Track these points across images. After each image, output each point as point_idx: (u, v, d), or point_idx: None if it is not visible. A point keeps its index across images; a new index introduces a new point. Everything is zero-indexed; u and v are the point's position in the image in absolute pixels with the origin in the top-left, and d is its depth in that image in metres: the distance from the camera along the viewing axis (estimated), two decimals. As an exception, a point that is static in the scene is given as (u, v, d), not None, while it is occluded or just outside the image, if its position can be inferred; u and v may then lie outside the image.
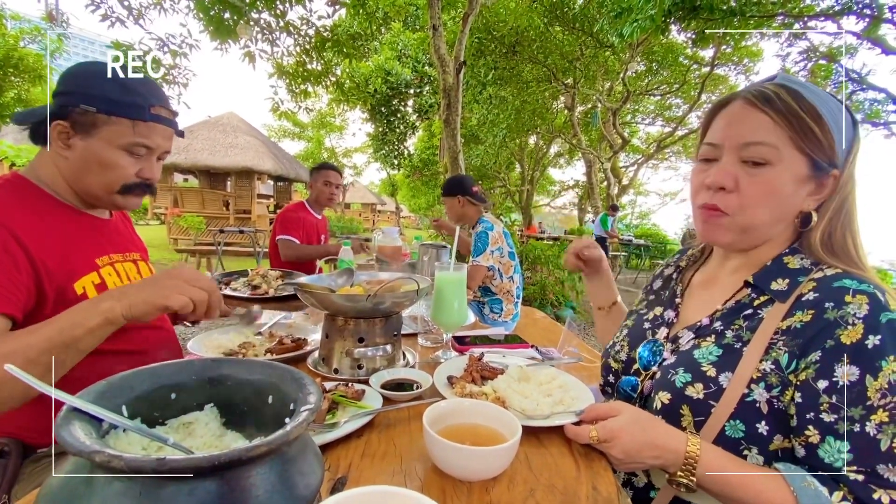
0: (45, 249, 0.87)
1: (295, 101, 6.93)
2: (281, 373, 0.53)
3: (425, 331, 1.38)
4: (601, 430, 0.70)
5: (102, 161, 0.95)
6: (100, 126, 0.93)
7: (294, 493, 0.42)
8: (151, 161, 1.02)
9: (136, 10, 5.09)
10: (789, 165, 0.68)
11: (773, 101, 0.68)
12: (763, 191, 0.69)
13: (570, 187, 25.99)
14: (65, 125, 0.92)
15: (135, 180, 1.00)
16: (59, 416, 0.40)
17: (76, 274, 0.93)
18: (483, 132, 11.44)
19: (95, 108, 0.91)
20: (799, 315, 0.66)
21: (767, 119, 0.68)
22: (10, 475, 0.85)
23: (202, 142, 12.94)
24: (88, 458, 0.35)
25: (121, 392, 0.48)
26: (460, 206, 2.70)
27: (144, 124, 0.96)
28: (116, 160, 0.96)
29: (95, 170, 0.96)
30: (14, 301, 0.81)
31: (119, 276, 1.04)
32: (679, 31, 6.19)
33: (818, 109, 0.67)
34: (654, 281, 1.02)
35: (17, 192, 0.93)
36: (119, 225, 1.16)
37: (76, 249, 0.96)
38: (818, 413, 0.61)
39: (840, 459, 0.59)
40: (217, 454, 0.36)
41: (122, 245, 1.11)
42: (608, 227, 10.25)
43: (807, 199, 0.72)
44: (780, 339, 0.66)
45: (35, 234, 0.87)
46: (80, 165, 0.95)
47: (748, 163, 0.70)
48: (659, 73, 12.85)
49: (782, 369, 0.65)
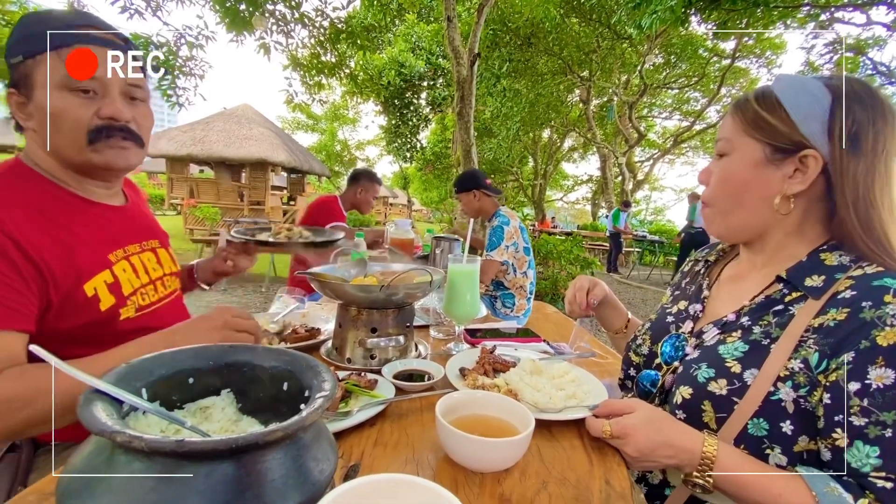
0: (49, 252, 0.79)
1: (309, 93, 6.97)
2: (296, 360, 0.54)
3: (437, 323, 1.38)
4: (615, 426, 0.70)
5: (50, 112, 0.81)
6: (32, 74, 0.81)
7: (309, 478, 0.42)
8: (112, 96, 0.85)
9: (153, 2, 5.14)
10: (742, 153, 0.75)
11: (737, 103, 0.78)
12: (719, 178, 0.78)
13: (584, 182, 25.73)
14: (13, 91, 0.83)
15: (98, 122, 0.84)
16: (82, 397, 0.41)
17: (85, 275, 0.84)
18: (496, 125, 11.37)
19: (21, 55, 0.81)
20: (833, 313, 0.64)
21: (730, 118, 0.78)
22: (23, 467, 0.85)
23: (217, 133, 13.06)
24: (110, 438, 0.36)
25: (141, 375, 0.49)
26: (476, 200, 2.69)
27: (73, 51, 0.81)
28: (60, 104, 0.81)
29: (52, 128, 0.82)
30: (28, 315, 0.77)
31: (135, 270, 0.95)
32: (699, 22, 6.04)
33: (775, 97, 0.72)
34: (681, 276, 1.00)
35: (19, 184, 0.84)
36: (135, 210, 1.06)
37: (85, 247, 0.85)
38: (847, 416, 0.59)
39: (868, 465, 0.57)
40: (234, 437, 0.37)
41: (138, 233, 1.02)
42: (619, 223, 10.13)
43: (787, 182, 0.72)
44: (810, 338, 0.65)
45: (38, 235, 0.78)
46: (44, 132, 0.83)
47: (718, 157, 0.80)
48: (677, 65, 12.61)
49: (811, 369, 0.63)
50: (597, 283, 1.09)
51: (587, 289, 1.08)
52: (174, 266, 1.11)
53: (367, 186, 3.11)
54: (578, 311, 1.08)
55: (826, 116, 0.68)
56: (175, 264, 1.12)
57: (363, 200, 3.13)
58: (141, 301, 0.94)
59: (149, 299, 0.97)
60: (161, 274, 1.04)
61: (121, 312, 0.89)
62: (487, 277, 2.53)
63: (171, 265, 1.10)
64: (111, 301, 0.87)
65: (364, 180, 3.13)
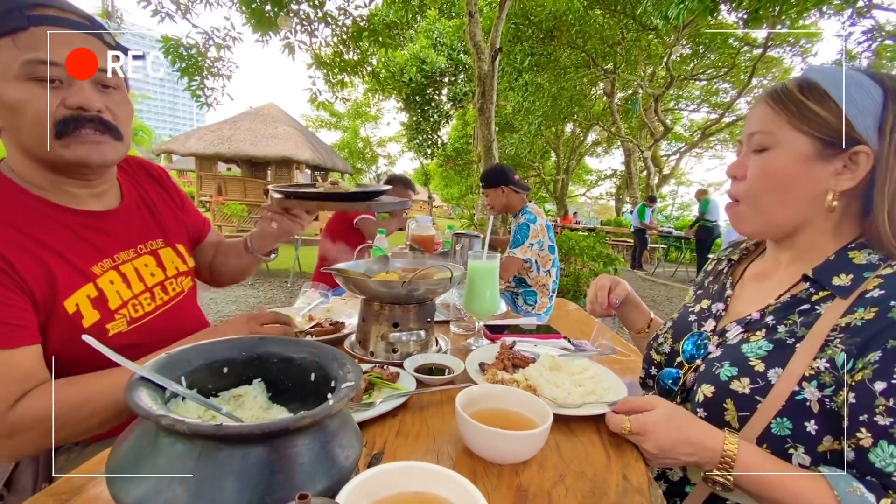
0: (24, 268, 0.73)
1: (332, 92, 7.06)
2: (323, 352, 0.57)
3: (457, 318, 1.40)
4: (635, 422, 0.69)
5: (11, 105, 0.72)
6: None
7: (335, 463, 0.45)
8: (78, 84, 0.75)
9: (183, 5, 5.30)
10: (789, 147, 0.71)
11: (774, 93, 0.73)
12: (761, 173, 0.74)
13: (608, 177, 25.26)
14: None
15: (65, 113, 0.75)
16: (129, 383, 0.45)
17: (63, 291, 0.78)
18: (518, 120, 11.28)
19: None
20: (860, 312, 0.63)
21: (768, 109, 0.73)
22: (44, 465, 0.87)
23: (244, 132, 13.39)
24: (155, 421, 0.39)
25: (179, 365, 0.52)
26: (504, 196, 2.68)
27: (28, 33, 0.71)
28: (21, 94, 0.72)
29: (17, 123, 0.74)
30: (32, 329, 0.75)
31: (126, 280, 0.88)
32: (730, 10, 5.84)
33: (823, 89, 0.69)
34: (704, 275, 0.99)
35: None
36: (132, 212, 0.96)
37: (63, 262, 0.79)
38: (872, 415, 0.58)
39: (892, 465, 0.56)
40: (267, 423, 0.40)
41: (132, 238, 0.93)
42: (645, 219, 9.93)
43: (834, 178, 0.69)
44: (837, 337, 0.64)
45: (20, 254, 0.74)
46: (10, 128, 0.76)
47: (755, 152, 0.75)
48: (706, 56, 12.22)
49: (837, 368, 0.62)
50: (619, 282, 1.08)
51: (609, 288, 1.07)
52: (182, 264, 1.04)
53: (402, 192, 3.24)
54: (600, 311, 1.07)
55: (879, 111, 0.67)
56: (184, 262, 1.05)
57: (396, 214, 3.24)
58: (133, 313, 0.88)
59: (143, 310, 0.90)
60: (161, 278, 0.97)
61: (108, 328, 0.83)
62: (508, 274, 2.53)
63: (178, 264, 1.03)
64: (95, 317, 0.81)
65: (398, 186, 3.27)
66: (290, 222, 1.04)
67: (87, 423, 0.75)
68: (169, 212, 1.07)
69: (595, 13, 8.74)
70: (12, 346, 0.71)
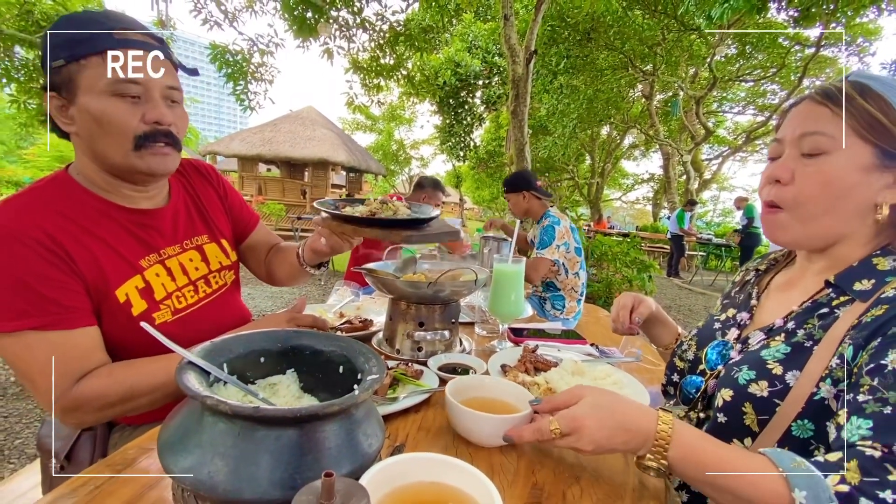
0: (81, 260, 0.82)
1: (368, 95, 7.22)
2: (351, 346, 0.60)
3: (482, 320, 1.42)
4: (562, 419, 0.62)
5: (96, 117, 0.81)
6: (76, 77, 0.80)
7: (359, 449, 0.48)
8: (155, 101, 0.85)
9: (230, 14, 5.56)
10: (850, 154, 0.67)
11: (833, 95, 0.68)
12: (817, 181, 0.68)
13: (645, 181, 24.54)
14: (55, 95, 0.82)
15: (144, 128, 0.84)
16: (178, 367, 0.50)
17: (114, 282, 0.86)
18: (552, 123, 11.14)
19: (63, 59, 0.80)
20: (873, 311, 0.62)
21: (826, 111, 0.68)
22: (101, 442, 0.97)
23: (284, 134, 13.87)
24: (201, 402, 0.44)
25: (222, 353, 0.57)
26: (525, 202, 2.69)
27: (114, 54, 0.81)
28: (107, 108, 0.81)
29: (98, 132, 0.83)
30: (88, 311, 0.82)
31: (170, 274, 0.95)
32: (779, 9, 5.57)
33: (887, 98, 0.66)
34: (732, 286, 0.98)
35: (60, 196, 0.86)
36: (179, 211, 1.04)
37: (114, 254, 0.87)
38: (856, 394, 0.56)
39: (857, 435, 0.53)
40: (299, 408, 0.44)
41: (178, 235, 1.01)
42: (684, 224, 9.59)
43: (884, 191, 0.67)
44: (848, 334, 0.63)
45: (69, 243, 0.81)
46: (87, 136, 0.84)
47: (806, 156, 0.70)
48: (753, 56, 11.68)
49: (848, 362, 0.61)
50: (642, 300, 1.06)
51: (631, 307, 1.05)
52: (225, 258, 1.10)
53: (432, 194, 3.29)
54: (622, 329, 1.05)
55: None
56: (227, 256, 1.11)
57: None
58: (177, 304, 0.95)
59: (186, 301, 0.97)
60: (205, 272, 1.04)
61: (154, 318, 0.90)
62: (538, 276, 2.51)
63: (221, 258, 1.09)
64: (143, 306, 0.89)
65: (429, 188, 3.32)
66: (339, 241, 1.04)
67: (138, 402, 0.83)
68: (215, 207, 1.14)
69: (634, 14, 8.53)
70: (71, 326, 0.79)
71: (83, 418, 0.82)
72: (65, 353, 0.78)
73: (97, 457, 0.96)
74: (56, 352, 0.77)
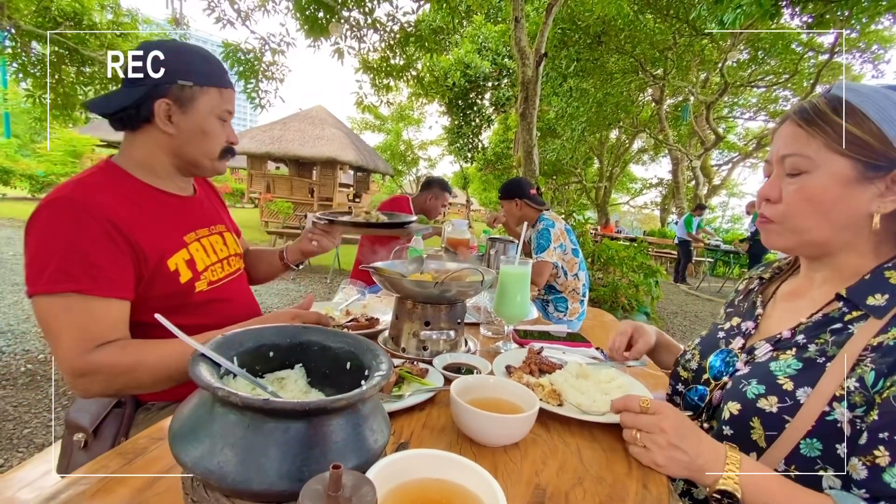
0: (140, 234, 0.95)
1: (377, 95, 7.25)
2: (359, 343, 0.61)
3: (487, 321, 1.43)
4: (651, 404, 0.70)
5: (205, 131, 1.05)
6: (197, 98, 1.03)
7: (365, 444, 0.49)
8: (230, 125, 1.12)
9: (243, 13, 5.61)
10: (828, 170, 0.69)
11: (805, 113, 0.71)
12: (801, 198, 0.71)
13: (653, 186, 24.40)
14: (168, 102, 1.00)
15: (226, 145, 1.11)
16: (190, 360, 0.51)
17: (168, 252, 1.01)
18: (561, 125, 11.12)
19: (192, 82, 1.01)
20: (894, 332, 0.61)
21: (801, 132, 0.71)
22: (126, 420, 1.04)
23: (293, 133, 13.96)
24: (213, 392, 0.45)
25: (232, 346, 0.58)
26: (518, 209, 2.69)
27: (227, 91, 1.08)
28: (213, 128, 1.06)
29: (197, 140, 1.05)
30: (128, 286, 0.93)
31: (205, 250, 1.12)
32: (793, 15, 5.52)
33: (862, 111, 0.66)
34: (735, 294, 0.98)
35: (112, 181, 1.00)
36: (203, 200, 1.23)
37: (166, 229, 1.04)
38: (893, 433, 0.56)
39: None
40: (307, 401, 0.44)
41: (206, 219, 1.19)
42: (692, 230, 9.53)
43: (878, 200, 0.67)
44: (868, 356, 0.62)
45: (131, 221, 0.94)
46: (184, 139, 1.04)
47: (789, 175, 0.73)
48: (765, 62, 11.57)
49: (867, 388, 0.60)
50: (643, 332, 1.05)
51: (629, 334, 1.05)
52: (238, 248, 1.28)
53: (438, 194, 3.32)
54: (619, 357, 1.05)
55: None
56: (238, 247, 1.29)
57: (432, 206, 3.35)
58: (211, 276, 1.11)
59: (217, 275, 1.13)
60: (227, 254, 1.20)
61: (196, 286, 1.05)
62: (542, 279, 2.51)
63: (235, 247, 1.26)
64: (189, 275, 1.04)
65: (436, 188, 3.34)
66: (328, 241, 1.36)
67: (140, 377, 0.90)
68: (221, 205, 1.34)
69: (646, 18, 8.50)
70: (105, 294, 0.88)
71: (89, 386, 0.88)
72: (97, 319, 0.87)
73: (120, 437, 1.03)
74: (90, 315, 0.87)
